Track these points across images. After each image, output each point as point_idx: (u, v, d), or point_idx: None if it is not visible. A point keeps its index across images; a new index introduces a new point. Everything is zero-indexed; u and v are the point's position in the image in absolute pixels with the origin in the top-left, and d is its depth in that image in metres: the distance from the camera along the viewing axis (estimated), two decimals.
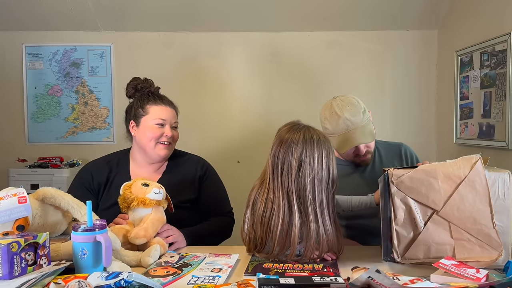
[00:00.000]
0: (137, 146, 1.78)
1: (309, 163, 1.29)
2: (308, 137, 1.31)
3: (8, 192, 1.19)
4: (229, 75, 3.08)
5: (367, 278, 0.96)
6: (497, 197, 1.23)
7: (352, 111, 1.65)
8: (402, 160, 1.78)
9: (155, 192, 1.47)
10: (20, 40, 3.07)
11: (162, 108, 1.76)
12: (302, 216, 1.29)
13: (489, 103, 2.40)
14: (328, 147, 1.33)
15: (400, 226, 1.28)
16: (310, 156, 1.29)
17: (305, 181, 1.29)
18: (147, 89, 1.80)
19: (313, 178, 1.29)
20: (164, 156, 1.75)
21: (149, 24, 3.01)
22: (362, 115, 1.66)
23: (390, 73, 3.07)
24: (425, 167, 1.27)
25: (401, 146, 1.84)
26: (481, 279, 1.04)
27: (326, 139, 1.35)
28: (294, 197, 1.29)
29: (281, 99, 3.06)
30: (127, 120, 1.81)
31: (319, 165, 1.30)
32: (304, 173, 1.29)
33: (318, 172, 1.29)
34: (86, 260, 1.14)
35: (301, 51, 3.07)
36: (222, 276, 1.18)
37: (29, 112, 3.09)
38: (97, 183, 1.76)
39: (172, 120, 1.78)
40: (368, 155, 1.73)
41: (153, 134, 1.72)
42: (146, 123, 1.74)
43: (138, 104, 1.77)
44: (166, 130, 1.73)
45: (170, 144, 1.76)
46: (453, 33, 2.85)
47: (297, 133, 1.33)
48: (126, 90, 1.83)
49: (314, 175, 1.29)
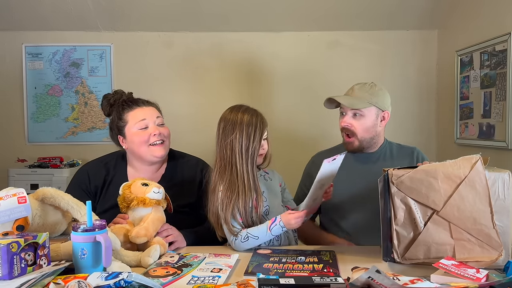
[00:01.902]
0: (133, 156, 1.76)
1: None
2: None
3: (8, 192, 1.19)
4: (229, 75, 3.09)
5: (367, 278, 0.96)
6: (497, 197, 1.23)
7: (364, 87, 1.77)
8: (413, 162, 1.79)
9: (155, 192, 1.47)
10: (20, 40, 3.07)
11: (138, 111, 1.71)
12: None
13: (489, 103, 2.40)
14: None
15: (400, 226, 1.28)
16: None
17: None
18: (120, 100, 1.74)
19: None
20: (161, 155, 1.72)
21: (149, 24, 3.01)
22: (368, 94, 1.74)
23: (390, 73, 3.07)
24: (425, 167, 1.27)
25: (414, 149, 1.87)
26: (481, 279, 1.04)
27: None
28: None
29: (281, 99, 3.06)
30: (114, 136, 1.77)
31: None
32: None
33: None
34: (86, 260, 1.14)
35: (301, 51, 3.07)
36: (222, 276, 1.18)
37: (29, 112, 3.09)
38: (94, 185, 1.74)
39: (154, 117, 1.72)
40: (353, 138, 1.76)
41: (140, 139, 1.68)
42: (130, 131, 1.70)
43: (116, 117, 1.73)
44: (151, 129, 1.69)
45: (163, 142, 1.72)
46: (453, 33, 2.85)
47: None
48: (102, 110, 1.79)
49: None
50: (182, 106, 3.07)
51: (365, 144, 1.78)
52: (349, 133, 1.77)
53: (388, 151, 1.84)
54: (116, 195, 1.53)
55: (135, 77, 3.03)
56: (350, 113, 1.75)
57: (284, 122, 3.00)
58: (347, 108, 1.75)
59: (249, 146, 1.52)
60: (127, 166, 1.79)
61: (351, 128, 1.75)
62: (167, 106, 1.92)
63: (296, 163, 2.09)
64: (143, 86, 2.94)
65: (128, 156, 1.79)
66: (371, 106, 1.73)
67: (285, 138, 2.90)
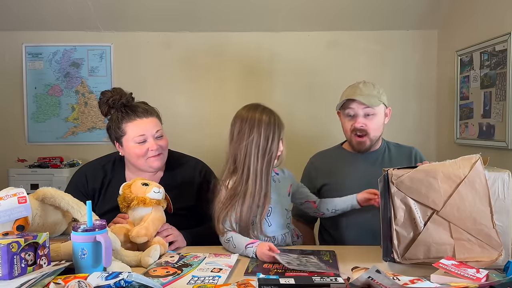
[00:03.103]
0: (129, 162, 1.74)
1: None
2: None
3: (8, 192, 1.19)
4: (229, 75, 3.08)
5: (367, 278, 0.96)
6: (497, 197, 1.23)
7: (368, 85, 1.77)
8: (411, 162, 1.80)
9: (155, 192, 1.47)
10: (20, 40, 3.06)
11: (138, 123, 1.65)
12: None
13: (489, 103, 2.40)
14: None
15: (400, 226, 1.28)
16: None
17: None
18: (119, 102, 1.67)
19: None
20: (157, 167, 1.71)
21: (149, 24, 3.01)
22: (376, 92, 1.74)
23: (390, 73, 3.06)
24: (425, 167, 1.27)
25: (412, 149, 1.87)
26: (481, 279, 1.04)
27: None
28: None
29: (281, 99, 3.05)
30: (111, 139, 1.74)
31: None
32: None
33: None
34: (86, 260, 1.14)
35: (301, 51, 3.07)
36: (222, 276, 1.18)
37: (29, 112, 3.09)
38: (91, 188, 1.73)
39: (154, 131, 1.67)
40: (365, 137, 1.74)
41: (138, 152, 1.66)
42: (127, 143, 1.67)
43: (114, 124, 1.68)
44: (149, 144, 1.66)
45: (160, 154, 1.69)
46: (453, 33, 2.85)
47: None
48: (99, 108, 1.72)
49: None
50: (182, 106, 3.06)
51: (374, 142, 1.79)
52: (362, 133, 1.75)
53: (386, 150, 1.85)
54: (114, 198, 1.53)
55: (135, 77, 3.03)
56: (362, 113, 1.74)
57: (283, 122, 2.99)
58: (358, 109, 1.74)
59: (267, 148, 1.46)
60: (125, 169, 1.78)
61: (365, 128, 1.74)
62: (167, 106, 1.92)
63: (295, 163, 2.08)
64: (143, 86, 2.94)
65: (126, 160, 1.78)
66: (381, 104, 1.74)
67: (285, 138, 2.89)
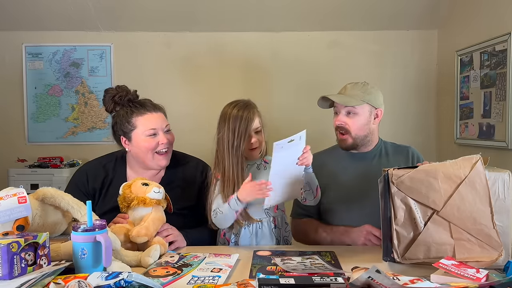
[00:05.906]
0: (134, 159, 1.74)
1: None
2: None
3: (8, 192, 1.19)
4: (229, 75, 3.08)
5: (367, 278, 0.96)
6: (497, 197, 1.23)
7: (356, 85, 1.78)
8: (408, 161, 1.80)
9: (155, 192, 1.47)
10: (20, 40, 3.07)
11: (149, 117, 1.67)
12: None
13: (489, 103, 2.40)
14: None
15: (400, 226, 1.28)
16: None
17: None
18: (126, 98, 1.69)
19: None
20: (164, 165, 1.72)
21: (149, 24, 3.01)
22: (360, 92, 1.75)
23: (390, 73, 3.07)
24: (425, 167, 1.27)
25: (409, 148, 1.87)
26: (481, 279, 1.04)
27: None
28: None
29: (281, 99, 3.06)
30: (116, 135, 1.74)
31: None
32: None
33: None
34: (86, 260, 1.14)
35: (301, 51, 3.07)
36: (222, 276, 1.18)
37: (29, 112, 3.09)
38: (92, 187, 1.73)
39: (163, 125, 1.70)
40: (347, 135, 1.77)
41: (148, 146, 1.66)
42: (137, 137, 1.67)
43: (123, 119, 1.68)
44: (160, 138, 1.67)
45: (167, 151, 1.71)
46: (453, 33, 2.85)
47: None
48: (104, 105, 1.72)
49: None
50: (182, 105, 3.06)
51: (358, 141, 1.78)
52: (343, 131, 1.78)
53: (383, 150, 1.85)
54: (115, 198, 1.53)
55: (135, 77, 3.03)
56: (343, 112, 1.76)
57: (283, 122, 2.98)
58: (340, 107, 1.76)
59: (234, 141, 1.52)
60: (127, 168, 1.78)
61: (345, 126, 1.76)
62: (167, 106, 1.91)
63: None
64: (143, 86, 2.91)
65: (129, 158, 1.78)
66: (364, 104, 1.74)
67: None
